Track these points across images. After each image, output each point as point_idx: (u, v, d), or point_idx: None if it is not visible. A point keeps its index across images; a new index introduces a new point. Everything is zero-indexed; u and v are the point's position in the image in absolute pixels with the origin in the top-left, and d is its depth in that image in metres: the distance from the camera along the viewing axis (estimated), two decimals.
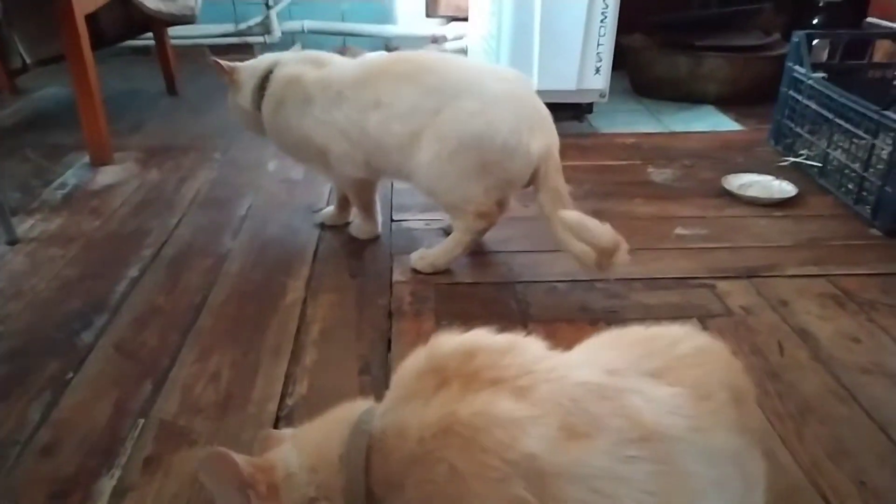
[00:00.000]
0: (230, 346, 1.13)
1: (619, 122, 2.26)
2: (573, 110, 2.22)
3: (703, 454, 0.56)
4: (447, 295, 1.29)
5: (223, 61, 1.42)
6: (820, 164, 1.77)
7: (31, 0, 1.98)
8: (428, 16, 2.93)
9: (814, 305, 1.25)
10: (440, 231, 1.51)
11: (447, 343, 0.60)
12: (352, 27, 3.07)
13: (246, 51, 3.02)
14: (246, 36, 3.06)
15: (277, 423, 0.96)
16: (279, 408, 0.99)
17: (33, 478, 0.88)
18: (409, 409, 0.56)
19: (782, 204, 1.65)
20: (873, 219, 1.54)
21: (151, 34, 2.50)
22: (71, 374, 1.06)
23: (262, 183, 1.79)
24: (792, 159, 1.87)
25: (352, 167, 1.36)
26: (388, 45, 3.03)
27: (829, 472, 0.88)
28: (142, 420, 0.97)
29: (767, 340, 1.15)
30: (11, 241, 1.46)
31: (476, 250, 1.45)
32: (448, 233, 1.42)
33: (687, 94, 2.44)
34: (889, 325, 1.18)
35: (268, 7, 2.99)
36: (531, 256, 1.43)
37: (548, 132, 1.30)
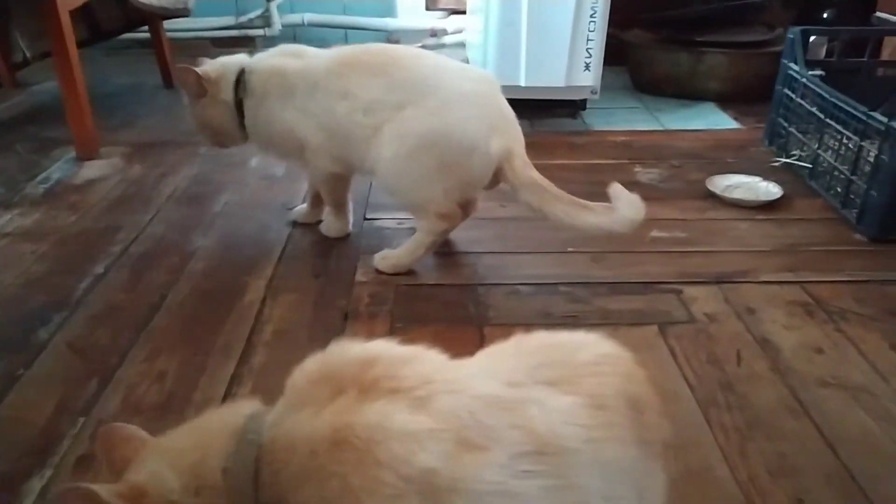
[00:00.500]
0: (181, 346, 1.13)
1: (615, 120, 2.22)
2: (566, 107, 2.18)
3: (596, 466, 0.54)
4: (407, 297, 1.27)
5: (195, 68, 1.36)
6: (810, 166, 1.72)
7: None
8: (428, 9, 2.91)
9: (781, 314, 1.21)
10: (412, 231, 1.49)
11: (346, 350, 0.59)
12: (353, 20, 3.06)
13: (247, 44, 3.02)
14: (247, 29, 3.06)
15: None
16: None
17: None
18: (302, 419, 0.54)
19: (767, 206, 1.60)
20: (858, 223, 1.49)
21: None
22: (21, 370, 1.07)
23: (242, 179, 1.79)
24: (783, 160, 1.82)
25: (326, 160, 1.35)
26: (389, 38, 3.01)
27: (766, 490, 0.85)
28: (82, 419, 0.98)
29: (726, 350, 1.12)
30: None
31: (444, 251, 1.44)
32: None
33: (688, 92, 2.39)
34: (857, 336, 1.15)
35: (268, 0, 2.99)
36: (499, 258, 1.41)
37: (510, 133, 1.28)
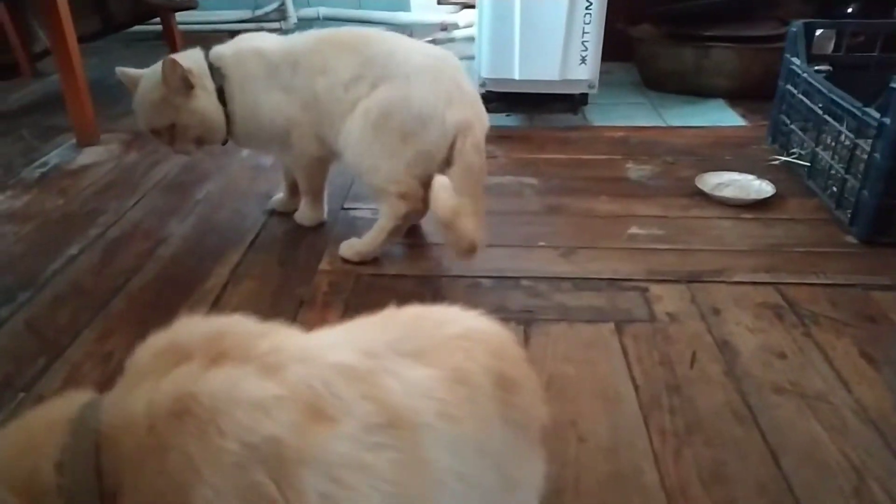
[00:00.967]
0: (133, 329, 1.14)
1: (616, 116, 2.17)
2: (565, 102, 2.14)
3: (449, 443, 0.52)
4: (365, 286, 1.26)
5: (179, 62, 1.28)
6: (809, 164, 1.65)
7: None
8: (440, 3, 2.89)
9: (748, 316, 1.16)
10: None
11: (194, 323, 0.55)
12: (367, 14, 3.07)
13: None
14: (262, 22, 3.09)
15: None
16: None
17: None
18: (140, 393, 0.49)
19: (756, 206, 1.54)
20: (851, 225, 1.43)
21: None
22: None
23: (230, 168, 1.80)
24: (783, 158, 1.75)
25: (311, 142, 1.35)
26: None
27: (694, 497, 0.82)
28: (22, 394, 0.99)
29: (682, 351, 1.08)
30: None
31: (415, 242, 1.43)
32: None
33: (695, 88, 2.32)
34: (825, 341, 1.09)
35: None
36: None
37: (467, 107, 1.28)
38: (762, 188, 1.61)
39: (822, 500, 0.81)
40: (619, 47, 2.58)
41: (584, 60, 1.94)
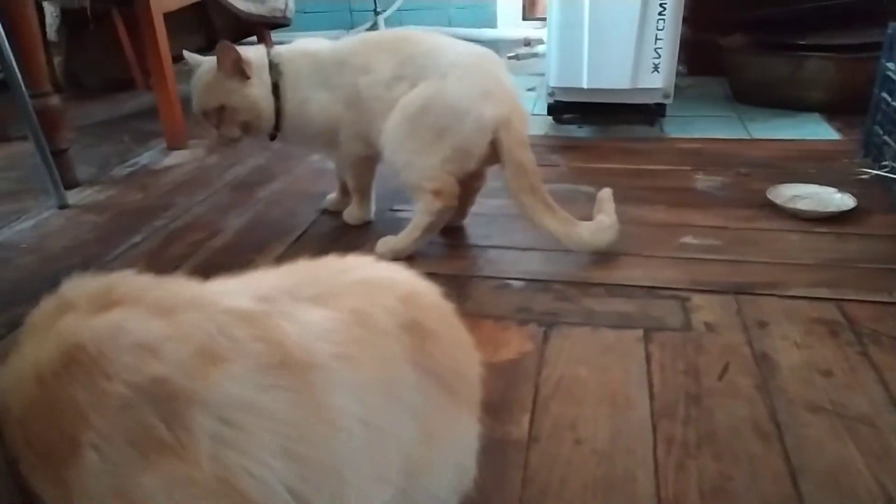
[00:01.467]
0: None
1: (696, 128, 2.07)
2: (641, 114, 2.06)
3: (348, 386, 0.50)
4: None
5: (236, 48, 1.36)
6: None
7: None
8: (524, 19, 2.89)
9: (797, 331, 1.05)
10: None
11: (84, 281, 0.52)
12: (455, 31, 3.11)
13: None
14: None
15: None
16: None
17: None
18: (27, 351, 0.48)
19: (833, 219, 1.41)
20: None
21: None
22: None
23: (296, 171, 1.87)
24: (874, 171, 1.60)
25: (356, 141, 1.38)
26: None
27: None
28: None
29: (712, 362, 0.99)
30: (62, 206, 1.66)
31: (456, 242, 1.42)
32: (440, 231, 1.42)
33: (788, 101, 2.17)
34: (883, 362, 0.97)
35: (376, 13, 3.12)
36: (504, 252, 1.35)
37: (507, 103, 1.27)
38: (843, 201, 1.47)
39: None
40: (710, 60, 2.48)
41: (656, 68, 1.87)
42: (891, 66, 1.61)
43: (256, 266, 1.43)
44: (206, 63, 1.37)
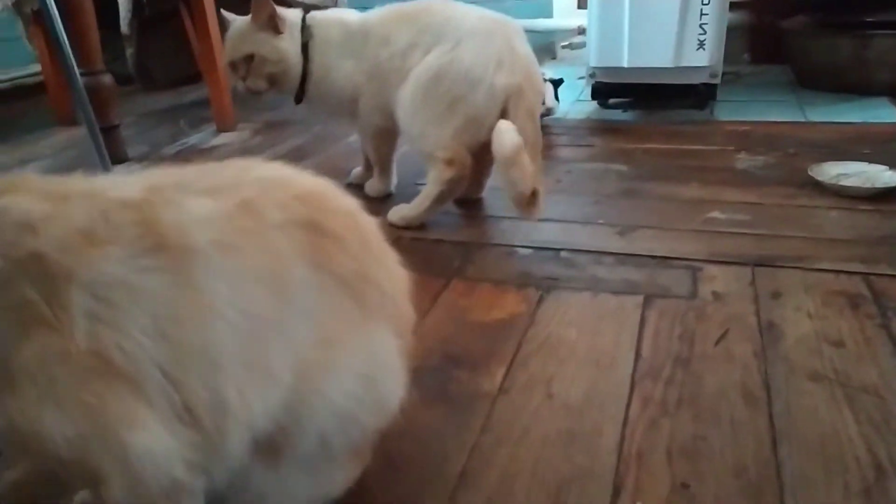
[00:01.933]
0: None
1: (749, 112, 1.96)
2: (691, 97, 1.97)
3: (225, 272, 0.50)
4: (402, 247, 1.22)
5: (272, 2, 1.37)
6: None
7: None
8: (579, 7, 2.84)
9: (813, 301, 0.98)
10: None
11: None
12: None
13: None
14: None
15: None
16: None
17: None
18: None
19: (881, 197, 1.30)
20: None
21: None
22: None
23: (331, 150, 1.90)
24: None
25: (374, 113, 1.39)
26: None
27: (649, 466, 0.70)
28: None
29: (712, 329, 0.93)
30: None
31: (472, 213, 1.41)
32: (457, 202, 1.41)
33: (855, 85, 2.03)
34: None
35: None
36: (518, 223, 1.32)
37: (518, 71, 1.24)
38: (893, 178, 1.35)
39: (813, 492, 0.65)
40: (775, 47, 2.35)
41: (702, 45, 1.79)
42: None
43: None
44: (240, 19, 1.41)
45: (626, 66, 1.84)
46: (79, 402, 0.47)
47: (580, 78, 2.50)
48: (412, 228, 1.32)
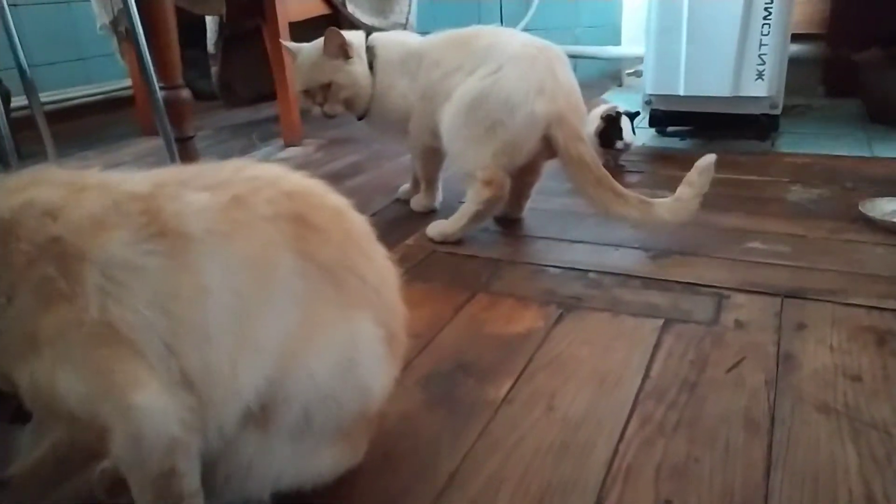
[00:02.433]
0: None
1: (812, 145, 1.91)
2: (752, 127, 1.93)
3: (219, 257, 0.57)
4: (434, 260, 1.30)
5: (342, 32, 1.46)
6: None
7: None
8: None
9: (839, 335, 0.96)
10: (492, 218, 1.50)
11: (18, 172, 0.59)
12: (581, 49, 3.11)
13: None
14: None
15: None
16: None
17: None
18: None
19: None
20: None
21: None
22: None
23: (384, 167, 1.97)
24: None
25: (423, 132, 1.44)
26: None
27: (635, 483, 0.71)
28: None
29: (725, 356, 0.92)
30: None
31: (509, 232, 1.43)
32: (497, 220, 1.46)
33: None
34: None
35: None
36: (553, 244, 1.34)
37: (561, 98, 1.27)
38: None
39: None
40: (851, 81, 2.27)
41: (760, 76, 1.76)
42: None
43: None
44: (307, 47, 1.49)
45: (682, 93, 1.83)
46: (90, 365, 0.53)
47: (647, 102, 2.49)
48: (448, 244, 1.36)
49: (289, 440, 0.62)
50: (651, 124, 2.06)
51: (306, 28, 2.42)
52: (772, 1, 1.69)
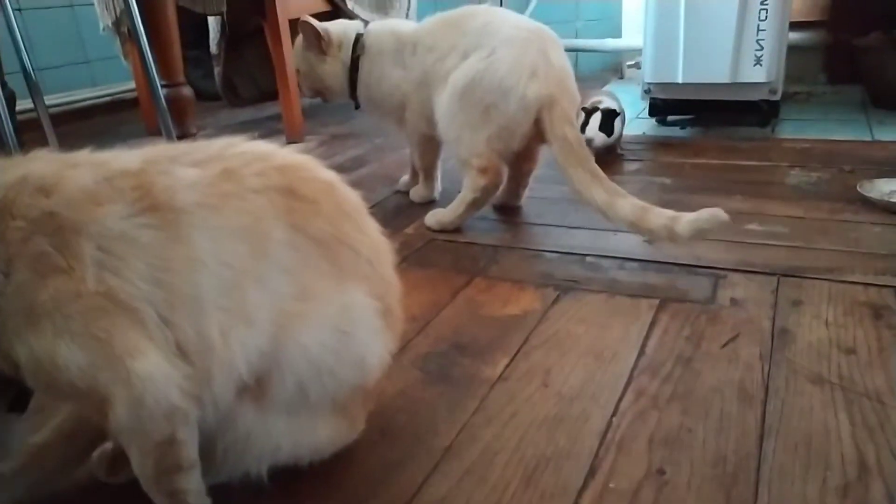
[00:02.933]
0: None
1: (813, 130, 1.91)
2: (751, 113, 1.93)
3: (210, 230, 0.58)
4: (434, 248, 1.31)
5: (315, 25, 1.48)
6: None
7: None
8: None
9: (835, 311, 0.96)
10: (490, 206, 1.51)
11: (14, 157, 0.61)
12: (582, 43, 3.11)
13: None
14: None
15: None
16: None
17: None
18: None
19: None
20: None
21: None
22: None
23: (387, 160, 1.98)
24: None
25: (420, 119, 1.45)
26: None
27: (628, 452, 0.71)
28: None
29: (720, 332, 0.93)
30: None
31: (508, 219, 1.44)
32: (496, 208, 1.47)
33: None
34: None
35: None
36: (551, 230, 1.35)
37: (553, 81, 1.27)
38: None
39: (788, 485, 0.65)
40: (853, 67, 2.26)
41: (759, 62, 1.76)
42: None
43: None
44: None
45: (680, 81, 1.84)
46: (89, 335, 0.54)
47: (646, 91, 2.49)
48: (447, 232, 1.37)
49: (285, 413, 0.63)
50: (651, 114, 2.06)
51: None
52: None
